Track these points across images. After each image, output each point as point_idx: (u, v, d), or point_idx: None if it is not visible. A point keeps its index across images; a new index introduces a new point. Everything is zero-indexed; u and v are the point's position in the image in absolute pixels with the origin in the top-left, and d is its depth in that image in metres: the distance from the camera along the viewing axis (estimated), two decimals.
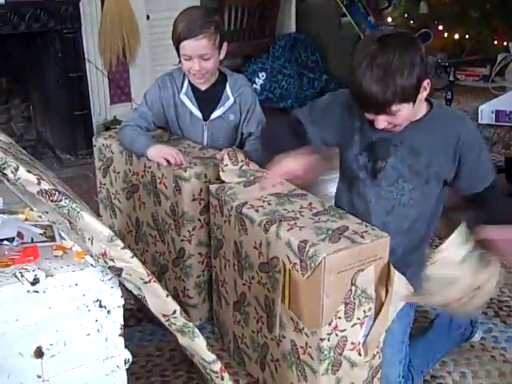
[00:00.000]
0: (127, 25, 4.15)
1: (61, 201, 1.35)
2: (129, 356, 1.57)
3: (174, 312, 1.51)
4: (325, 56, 5.20)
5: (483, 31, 5.51)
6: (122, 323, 1.53)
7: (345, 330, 1.74)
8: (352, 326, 1.75)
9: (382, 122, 1.77)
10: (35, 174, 1.35)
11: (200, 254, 2.20)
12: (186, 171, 2.10)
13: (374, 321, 1.78)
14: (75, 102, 3.92)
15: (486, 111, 3.04)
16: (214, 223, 2.07)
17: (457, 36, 5.63)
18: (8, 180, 1.57)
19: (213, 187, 2.05)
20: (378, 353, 1.84)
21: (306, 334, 1.76)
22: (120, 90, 4.38)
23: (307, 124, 1.99)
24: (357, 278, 1.69)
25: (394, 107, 1.72)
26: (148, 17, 4.31)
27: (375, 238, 1.72)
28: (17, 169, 1.34)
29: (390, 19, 5.58)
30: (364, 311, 1.75)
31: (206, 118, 2.39)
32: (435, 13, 5.66)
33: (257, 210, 1.86)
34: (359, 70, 1.70)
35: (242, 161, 2.10)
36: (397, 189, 1.89)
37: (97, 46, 4.14)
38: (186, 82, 2.37)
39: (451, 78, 3.36)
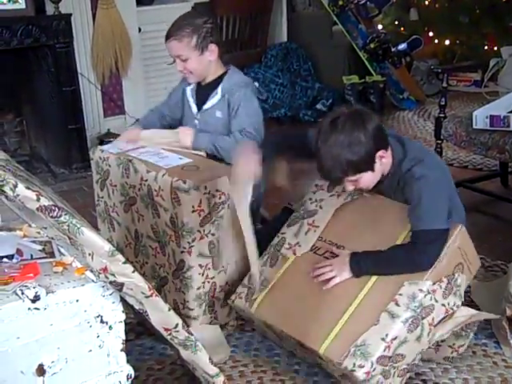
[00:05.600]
0: (119, 38, 4.16)
1: (60, 216, 1.35)
2: (131, 371, 1.57)
3: (176, 326, 1.51)
4: (317, 65, 5.20)
5: (473, 37, 5.55)
6: (124, 338, 1.53)
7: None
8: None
9: (348, 186, 2.04)
10: (34, 191, 1.35)
11: (200, 265, 2.19)
12: (185, 183, 2.09)
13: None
14: (69, 116, 3.91)
15: (481, 116, 3.05)
16: None
17: (447, 42, 5.67)
18: (6, 197, 1.56)
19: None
20: None
21: None
22: (113, 103, 4.38)
23: None
24: None
25: (351, 178, 1.98)
26: (140, 29, 4.32)
27: None
28: (16, 185, 1.33)
29: (380, 26, 5.61)
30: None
31: (199, 110, 2.57)
32: (425, 19, 5.70)
33: None
34: (316, 151, 1.97)
35: None
36: None
37: (89, 59, 4.15)
38: None
39: (444, 84, 3.36)
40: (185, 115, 2.63)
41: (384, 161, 2.02)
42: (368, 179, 2.03)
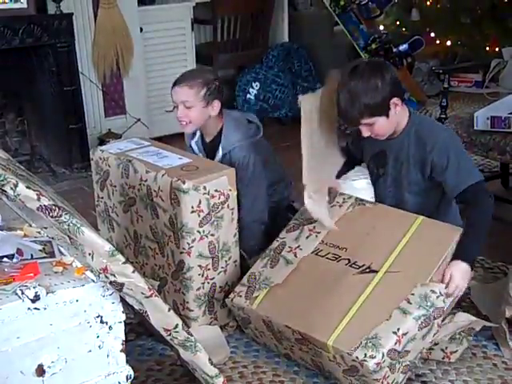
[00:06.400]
0: (120, 37, 4.15)
1: (61, 216, 1.35)
2: (130, 372, 1.57)
3: (176, 326, 1.51)
4: (318, 65, 5.19)
5: (475, 37, 5.53)
6: (124, 339, 1.52)
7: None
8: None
9: (364, 131, 2.18)
10: (35, 190, 1.35)
11: (200, 266, 2.19)
12: (184, 183, 2.09)
13: None
14: (70, 115, 3.90)
15: (482, 117, 3.04)
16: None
17: (449, 43, 5.65)
18: (7, 196, 1.56)
19: None
20: None
21: None
22: (114, 103, 4.37)
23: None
24: None
25: (367, 120, 2.12)
26: (141, 29, 4.31)
27: None
28: (16, 185, 1.33)
29: (382, 27, 5.59)
30: None
31: None
32: (427, 20, 5.68)
33: None
34: (337, 95, 2.15)
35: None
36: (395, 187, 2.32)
37: (90, 59, 4.14)
38: (198, 132, 2.58)
39: (445, 85, 3.36)
40: None
41: (398, 109, 2.15)
42: (382, 125, 2.15)
